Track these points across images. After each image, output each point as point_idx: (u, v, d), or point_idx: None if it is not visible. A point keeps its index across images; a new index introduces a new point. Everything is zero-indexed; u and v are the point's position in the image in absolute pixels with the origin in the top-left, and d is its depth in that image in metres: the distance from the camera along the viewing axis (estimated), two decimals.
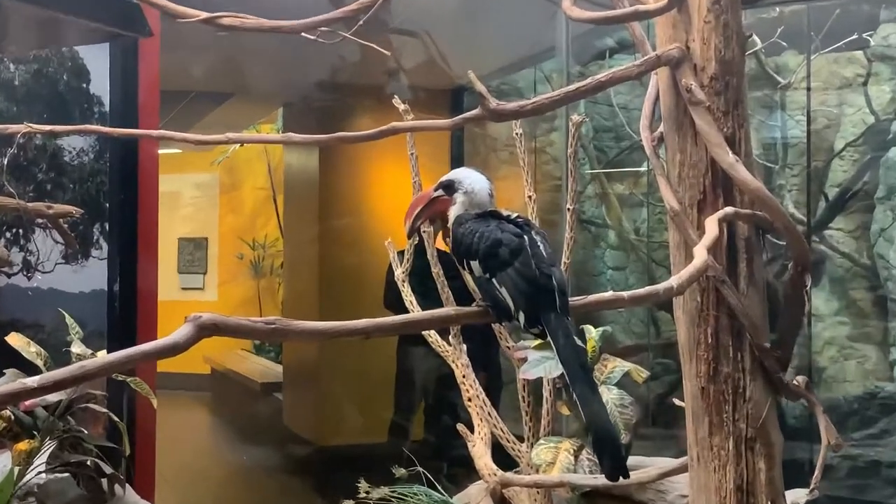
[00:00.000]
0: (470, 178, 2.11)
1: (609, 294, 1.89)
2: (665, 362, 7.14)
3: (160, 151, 4.91)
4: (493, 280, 1.93)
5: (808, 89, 6.98)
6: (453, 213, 2.09)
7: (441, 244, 2.69)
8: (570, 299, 1.94)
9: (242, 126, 10.71)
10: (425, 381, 7.17)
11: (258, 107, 9.91)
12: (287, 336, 1.58)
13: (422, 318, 1.87)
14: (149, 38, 3.61)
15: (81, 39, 3.80)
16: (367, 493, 3.29)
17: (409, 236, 2.38)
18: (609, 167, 8.04)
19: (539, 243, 1.97)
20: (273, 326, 1.55)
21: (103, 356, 1.42)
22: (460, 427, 3.64)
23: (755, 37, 6.19)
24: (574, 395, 1.86)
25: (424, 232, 3.52)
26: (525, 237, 1.97)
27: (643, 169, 7.35)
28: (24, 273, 4.42)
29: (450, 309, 1.89)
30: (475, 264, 1.97)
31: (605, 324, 3.39)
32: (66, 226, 3.77)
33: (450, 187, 2.12)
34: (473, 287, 2.01)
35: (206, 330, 1.45)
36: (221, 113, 9.33)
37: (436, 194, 2.14)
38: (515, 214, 2.06)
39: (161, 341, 1.40)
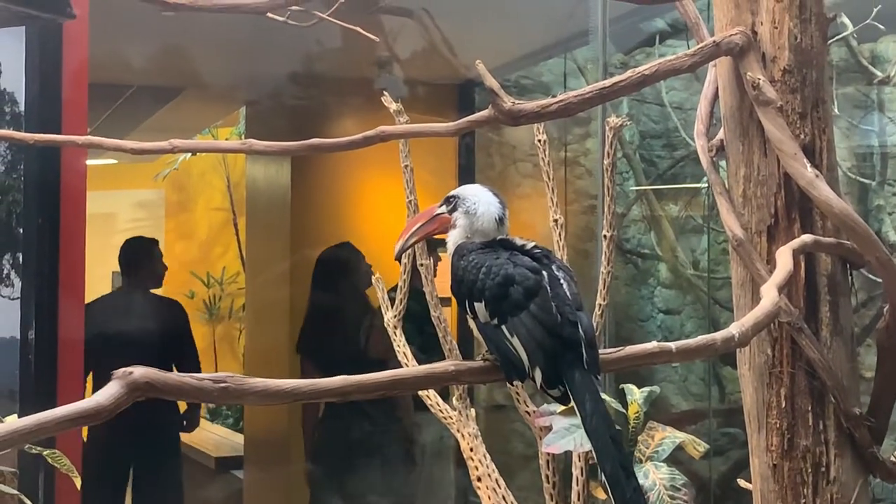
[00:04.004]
0: (475, 197, 2.10)
1: (653, 345, 1.89)
2: (731, 432, 7.11)
3: (89, 162, 4.93)
4: (503, 328, 1.92)
5: None
6: (453, 239, 2.09)
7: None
8: (602, 352, 1.93)
9: (195, 130, 10.73)
10: (423, 453, 7.16)
11: (214, 106, 9.94)
12: (242, 397, 1.58)
13: (414, 375, 1.87)
14: (72, 20, 3.64)
15: None
16: None
17: (397, 258, 2.38)
18: (659, 183, 8.04)
19: (562, 281, 1.97)
20: (223, 385, 1.55)
21: (11, 422, 1.42)
22: None
23: (844, 18, 6.21)
24: (603, 477, 1.85)
25: (421, 266, 3.52)
26: (544, 273, 1.96)
27: (702, 185, 7.36)
28: None
29: (448, 363, 1.88)
30: (480, 307, 1.96)
31: (655, 382, 3.39)
32: None
33: (451, 203, 2.13)
34: (479, 336, 2.01)
35: (139, 390, 1.46)
36: (168, 113, 9.36)
37: (439, 210, 2.14)
38: (532, 244, 2.05)
39: (80, 404, 1.40)
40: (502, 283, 1.94)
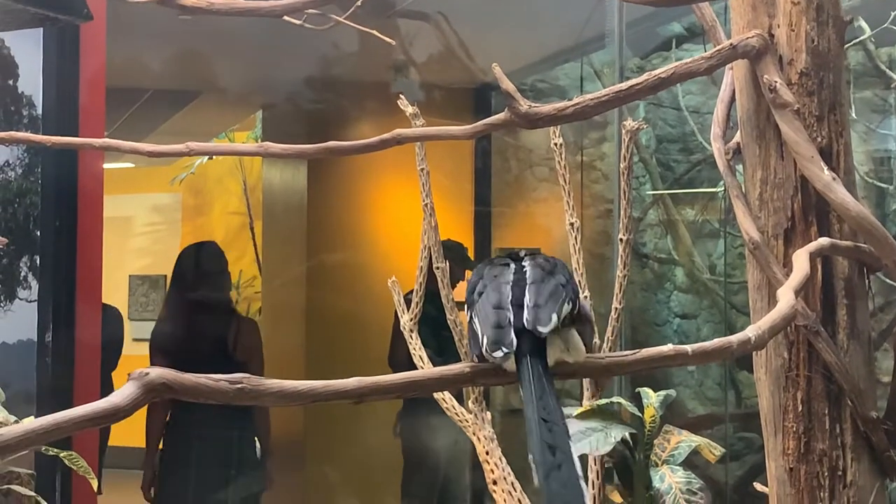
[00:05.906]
0: None
1: (669, 348, 1.87)
2: (748, 436, 7.10)
3: (106, 166, 4.94)
4: (471, 314, 1.94)
5: None
6: None
7: None
8: (618, 355, 1.92)
9: (211, 133, 10.76)
10: (441, 459, 7.15)
11: (231, 109, 9.97)
12: (257, 398, 1.58)
13: (429, 377, 1.86)
14: (88, 21, 3.65)
15: (5, 24, 3.84)
16: None
17: None
18: (676, 187, 8.03)
19: (528, 269, 1.96)
20: (240, 386, 1.55)
21: (28, 422, 1.43)
22: None
23: (861, 22, 6.21)
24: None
25: (437, 269, 3.52)
26: (511, 265, 1.98)
27: (719, 189, 7.35)
28: None
29: (464, 365, 1.88)
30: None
31: (671, 386, 3.38)
32: None
33: None
34: None
35: (155, 391, 1.46)
36: (185, 117, 9.39)
37: None
38: (526, 251, 2.07)
39: (97, 404, 1.40)
40: (474, 284, 1.98)
